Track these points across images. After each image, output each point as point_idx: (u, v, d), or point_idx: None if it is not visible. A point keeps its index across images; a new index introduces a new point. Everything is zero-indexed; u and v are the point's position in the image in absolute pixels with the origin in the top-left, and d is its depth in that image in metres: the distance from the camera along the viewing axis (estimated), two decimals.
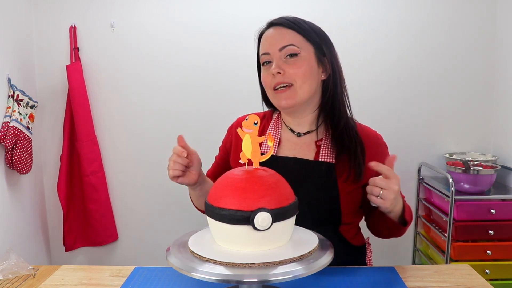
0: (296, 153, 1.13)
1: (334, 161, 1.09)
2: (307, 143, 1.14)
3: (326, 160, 1.10)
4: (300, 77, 1.06)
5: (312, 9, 2.18)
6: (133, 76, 2.29)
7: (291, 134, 1.17)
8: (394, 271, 1.09)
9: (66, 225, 2.30)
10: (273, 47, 1.08)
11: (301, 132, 1.16)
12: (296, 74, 1.06)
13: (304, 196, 1.06)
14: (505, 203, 1.94)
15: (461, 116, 2.28)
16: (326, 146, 1.11)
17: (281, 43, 1.07)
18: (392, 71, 2.26)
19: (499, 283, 1.91)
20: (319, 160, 1.10)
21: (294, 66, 1.06)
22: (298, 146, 1.14)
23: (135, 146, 2.35)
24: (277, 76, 1.07)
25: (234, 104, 2.26)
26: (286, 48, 1.07)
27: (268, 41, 1.10)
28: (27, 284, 1.05)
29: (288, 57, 1.07)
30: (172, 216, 2.38)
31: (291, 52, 1.07)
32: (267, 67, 1.10)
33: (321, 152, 1.11)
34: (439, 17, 2.22)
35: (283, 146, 1.15)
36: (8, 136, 1.90)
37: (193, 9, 2.24)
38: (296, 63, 1.06)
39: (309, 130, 1.15)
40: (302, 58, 1.07)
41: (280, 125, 1.19)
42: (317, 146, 1.13)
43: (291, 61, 1.07)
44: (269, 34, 1.11)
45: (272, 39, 1.09)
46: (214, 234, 0.83)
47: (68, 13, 2.24)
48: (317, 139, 1.14)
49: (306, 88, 1.07)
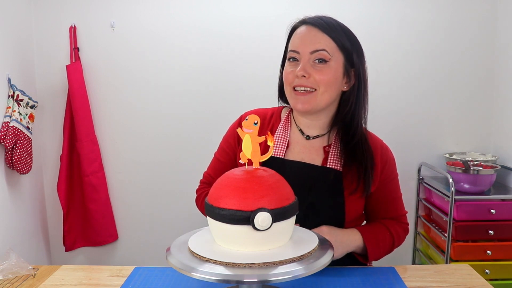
0: (304, 157, 1.12)
1: (341, 169, 1.09)
2: (315, 147, 1.13)
3: (334, 167, 1.09)
4: (324, 85, 1.04)
5: (312, 9, 2.18)
6: (133, 76, 2.29)
7: (300, 136, 1.15)
8: (394, 271, 1.09)
9: (66, 225, 2.30)
10: (305, 48, 1.05)
11: (311, 135, 1.14)
12: (321, 81, 1.04)
13: (309, 200, 1.07)
14: (505, 203, 1.94)
15: (461, 116, 2.28)
16: (335, 153, 1.10)
17: (314, 46, 1.04)
18: (392, 71, 2.26)
19: (499, 283, 1.91)
20: (326, 167, 1.09)
21: (321, 73, 1.04)
22: (306, 150, 1.13)
23: (135, 146, 2.34)
24: (301, 79, 1.05)
25: (234, 104, 2.25)
26: (318, 52, 1.04)
27: (301, 40, 1.07)
28: (27, 284, 1.05)
29: (316, 62, 1.05)
30: (172, 216, 2.38)
31: (321, 57, 1.04)
32: (292, 64, 1.08)
33: (329, 158, 1.10)
34: (439, 17, 2.22)
35: (292, 149, 1.13)
36: (8, 136, 1.90)
37: (193, 9, 2.24)
38: (323, 70, 1.04)
39: (318, 134, 1.14)
40: (331, 66, 1.05)
41: (289, 126, 1.17)
42: (325, 151, 1.12)
43: (318, 67, 1.04)
44: (303, 32, 1.08)
45: (305, 39, 1.06)
46: (214, 234, 0.83)
47: (68, 13, 2.24)
48: (326, 145, 1.13)
49: (326, 96, 1.06)
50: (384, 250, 1.12)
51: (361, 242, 1.08)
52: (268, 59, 2.14)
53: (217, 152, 1.26)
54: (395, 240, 1.14)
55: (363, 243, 1.08)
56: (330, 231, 1.03)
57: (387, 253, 1.14)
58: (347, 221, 1.09)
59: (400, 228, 1.17)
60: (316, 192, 1.08)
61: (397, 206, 1.18)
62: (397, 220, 1.18)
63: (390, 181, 1.15)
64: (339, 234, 1.04)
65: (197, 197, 1.26)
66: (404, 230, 1.18)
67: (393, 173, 1.16)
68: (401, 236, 1.16)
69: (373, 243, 1.09)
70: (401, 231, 1.17)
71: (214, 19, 2.24)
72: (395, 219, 1.17)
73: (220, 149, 1.25)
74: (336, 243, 1.00)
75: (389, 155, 1.16)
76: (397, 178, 1.17)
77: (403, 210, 1.20)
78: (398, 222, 1.17)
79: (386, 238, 1.12)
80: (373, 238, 1.09)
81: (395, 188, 1.17)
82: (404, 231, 1.18)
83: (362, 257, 1.12)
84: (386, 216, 1.17)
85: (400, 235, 1.16)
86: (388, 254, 1.16)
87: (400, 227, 1.17)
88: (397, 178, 1.17)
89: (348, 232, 1.08)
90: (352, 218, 1.10)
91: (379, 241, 1.10)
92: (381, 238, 1.11)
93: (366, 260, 1.11)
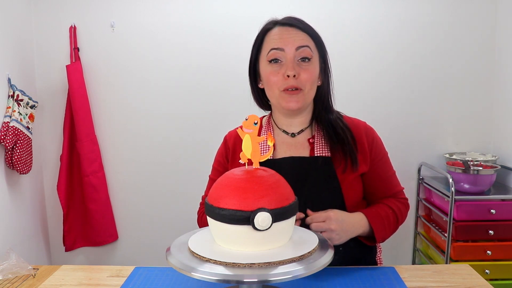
0: (292, 153, 1.14)
1: (329, 154, 1.11)
2: (300, 142, 1.16)
3: (322, 155, 1.11)
4: (309, 83, 1.07)
5: (312, 9, 2.18)
6: (133, 76, 2.29)
7: (285, 136, 1.17)
8: (394, 271, 1.09)
9: (66, 225, 2.30)
10: (289, 45, 1.05)
11: (295, 132, 1.16)
12: (307, 80, 1.06)
13: (306, 193, 1.07)
14: (505, 203, 1.94)
15: (461, 116, 2.28)
16: (319, 142, 1.13)
17: (298, 42, 1.05)
18: (392, 71, 2.26)
19: (499, 283, 1.91)
20: (315, 156, 1.12)
21: (307, 72, 1.06)
22: (292, 146, 1.15)
23: (135, 146, 2.35)
24: (291, 79, 1.05)
25: (234, 104, 2.25)
26: (303, 48, 1.05)
27: (282, 37, 1.07)
28: (27, 284, 1.05)
29: (300, 61, 1.06)
30: (172, 216, 2.38)
31: (306, 55, 1.06)
32: (276, 66, 1.07)
33: (315, 148, 1.12)
34: (439, 17, 2.22)
35: (278, 148, 1.16)
36: (8, 136, 1.90)
37: (193, 9, 2.24)
38: (308, 69, 1.06)
39: (302, 129, 1.16)
40: (313, 64, 1.07)
41: (271, 129, 1.19)
42: (310, 143, 1.14)
43: (304, 65, 1.06)
44: (281, 31, 1.08)
45: (288, 36, 1.06)
46: (214, 234, 0.83)
47: (68, 13, 2.24)
48: (310, 137, 1.15)
49: (311, 94, 1.10)
50: (389, 228, 1.12)
51: (366, 223, 1.08)
52: None
53: (211, 174, 1.28)
54: (398, 216, 1.15)
55: (369, 224, 1.08)
56: (336, 217, 1.01)
57: (393, 232, 1.14)
58: (348, 205, 1.10)
59: (400, 204, 1.18)
60: (311, 183, 1.09)
61: (392, 183, 1.20)
62: (396, 197, 1.19)
63: (380, 159, 1.16)
64: (344, 220, 1.03)
65: (198, 218, 1.27)
66: (404, 205, 1.19)
67: (382, 151, 1.18)
68: (403, 211, 1.17)
69: (378, 222, 1.09)
70: (402, 207, 1.18)
71: (214, 19, 2.24)
72: (393, 197, 1.19)
73: (213, 170, 1.27)
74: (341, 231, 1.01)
75: (374, 134, 1.18)
76: (387, 156, 1.19)
77: (399, 186, 1.21)
78: (397, 198, 1.19)
79: (389, 216, 1.12)
80: (377, 217, 1.09)
81: (387, 166, 1.19)
82: (405, 206, 1.19)
83: (369, 240, 1.12)
84: (384, 195, 1.18)
85: (401, 210, 1.17)
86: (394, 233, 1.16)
87: (400, 203, 1.18)
88: (387, 156, 1.19)
89: (354, 216, 1.07)
90: (352, 202, 1.11)
91: (383, 219, 1.10)
92: (385, 216, 1.11)
93: (373, 241, 1.11)
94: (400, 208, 1.16)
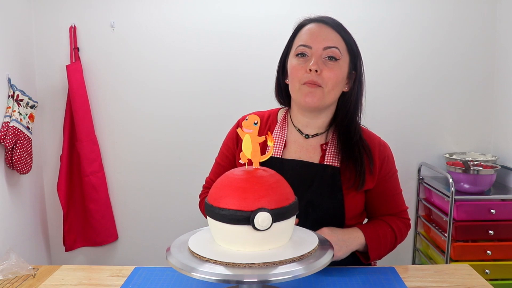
0: (302, 155, 1.13)
1: (339, 165, 1.10)
2: (313, 145, 1.14)
3: (332, 164, 1.10)
4: (332, 83, 1.06)
5: (314, 9, 2.17)
6: (133, 76, 2.29)
7: (298, 135, 1.16)
8: (394, 271, 1.09)
9: (66, 225, 2.30)
10: (318, 43, 1.06)
11: (310, 134, 1.15)
12: (330, 78, 1.05)
13: (308, 198, 1.07)
14: (505, 203, 1.94)
15: (461, 116, 2.28)
16: (332, 150, 1.11)
17: (327, 42, 1.06)
18: (392, 72, 2.26)
19: (499, 283, 1.91)
20: (324, 164, 1.10)
21: (331, 71, 1.05)
22: (304, 149, 1.14)
23: (135, 146, 2.34)
24: (313, 74, 1.05)
25: (235, 104, 2.25)
26: (331, 49, 1.05)
27: (313, 35, 1.07)
28: (27, 284, 1.05)
29: (327, 59, 1.06)
30: (172, 216, 2.38)
31: (333, 55, 1.06)
32: (302, 59, 1.08)
33: (326, 155, 1.11)
34: (439, 17, 2.22)
35: (289, 148, 1.14)
36: (8, 136, 1.90)
37: (194, 9, 2.23)
38: (334, 68, 1.05)
39: (317, 133, 1.15)
40: (340, 65, 1.07)
41: (286, 126, 1.17)
42: (322, 149, 1.13)
43: (330, 64, 1.06)
44: (314, 28, 1.08)
45: (319, 34, 1.07)
46: (214, 234, 0.83)
47: (68, 13, 2.24)
48: (323, 143, 1.14)
49: (332, 94, 1.08)
50: (386, 247, 1.12)
51: (363, 239, 1.08)
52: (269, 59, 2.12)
53: (217, 157, 1.27)
54: (397, 236, 1.14)
55: (365, 241, 1.08)
56: (331, 231, 1.03)
57: (389, 250, 1.14)
58: (348, 217, 1.09)
59: (402, 223, 1.17)
60: (315, 189, 1.08)
61: (397, 202, 1.18)
62: (398, 216, 1.18)
63: (389, 178, 1.15)
64: (340, 233, 1.04)
65: (200, 202, 1.27)
66: (405, 225, 1.18)
67: (392, 169, 1.16)
68: (403, 231, 1.16)
69: (374, 240, 1.09)
70: (403, 226, 1.17)
71: (214, 20, 2.24)
72: (396, 215, 1.18)
73: (220, 153, 1.26)
74: (339, 242, 1.01)
75: (387, 152, 1.16)
76: (396, 175, 1.18)
77: (403, 206, 1.20)
78: (399, 217, 1.18)
79: (387, 234, 1.12)
80: (374, 234, 1.09)
81: (395, 185, 1.17)
82: (405, 226, 1.18)
83: (365, 256, 1.12)
84: (387, 213, 1.17)
85: (402, 230, 1.16)
86: (391, 252, 1.15)
87: (402, 222, 1.17)
88: (396, 175, 1.18)
89: (350, 231, 1.07)
90: (352, 214, 1.10)
91: (380, 237, 1.10)
92: (382, 234, 1.11)
93: (368, 259, 1.11)
94: (401, 228, 1.16)
